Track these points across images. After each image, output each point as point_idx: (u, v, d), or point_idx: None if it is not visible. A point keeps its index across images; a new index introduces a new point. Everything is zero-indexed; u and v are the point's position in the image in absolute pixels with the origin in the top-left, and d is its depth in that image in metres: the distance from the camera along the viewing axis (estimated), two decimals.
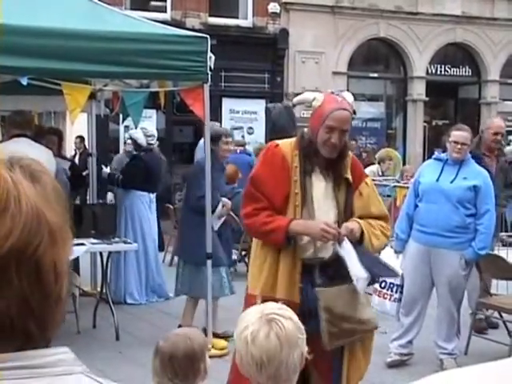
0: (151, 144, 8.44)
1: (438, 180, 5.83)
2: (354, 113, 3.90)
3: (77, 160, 12.71)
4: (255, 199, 3.76)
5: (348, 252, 3.63)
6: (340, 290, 3.69)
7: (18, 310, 0.87)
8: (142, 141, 8.34)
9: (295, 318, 2.29)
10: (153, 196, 8.53)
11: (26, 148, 5.84)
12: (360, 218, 3.79)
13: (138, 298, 8.23)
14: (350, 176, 3.80)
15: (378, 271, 3.74)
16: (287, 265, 3.70)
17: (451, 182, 5.79)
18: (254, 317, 2.24)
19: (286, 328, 2.21)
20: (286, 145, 3.82)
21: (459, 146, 5.80)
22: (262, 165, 3.85)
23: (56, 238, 0.91)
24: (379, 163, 12.83)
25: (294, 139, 3.88)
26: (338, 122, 3.69)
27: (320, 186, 3.76)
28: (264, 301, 3.15)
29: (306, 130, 3.89)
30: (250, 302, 3.60)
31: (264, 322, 2.21)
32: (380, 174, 12.26)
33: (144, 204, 8.35)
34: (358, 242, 3.71)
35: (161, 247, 9.82)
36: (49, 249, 0.90)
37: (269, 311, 2.25)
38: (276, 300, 3.25)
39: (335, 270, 3.73)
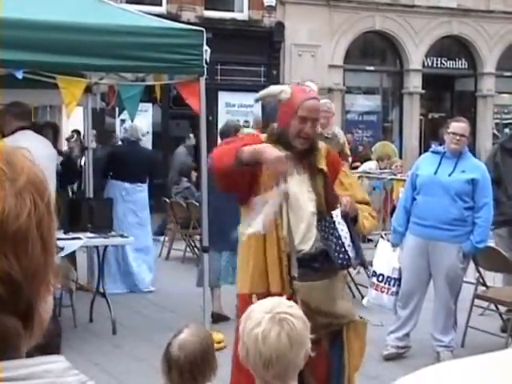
0: (125, 136, 8.86)
1: (436, 173, 5.83)
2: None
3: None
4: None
5: (343, 229, 3.66)
6: (318, 284, 3.69)
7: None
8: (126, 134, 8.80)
9: (304, 316, 2.30)
10: (129, 186, 8.56)
11: (32, 141, 5.86)
12: None
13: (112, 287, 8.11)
14: (324, 167, 3.78)
15: (360, 254, 3.78)
16: (274, 259, 3.68)
17: (449, 175, 5.79)
18: (266, 315, 2.22)
19: (297, 328, 2.22)
20: (263, 137, 3.78)
21: (458, 138, 5.80)
22: (244, 140, 3.77)
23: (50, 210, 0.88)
24: (377, 161, 12.85)
25: (264, 135, 3.83)
26: (311, 112, 3.65)
27: (295, 179, 3.72)
28: (259, 297, 3.15)
29: (274, 124, 3.81)
30: (244, 300, 3.59)
31: (276, 322, 2.21)
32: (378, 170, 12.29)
33: (117, 193, 8.50)
34: (353, 220, 3.73)
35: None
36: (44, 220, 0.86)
37: (280, 310, 2.24)
38: (271, 295, 3.25)
39: (320, 263, 3.73)
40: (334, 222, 3.66)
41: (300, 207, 3.71)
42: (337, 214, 3.66)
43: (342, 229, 3.65)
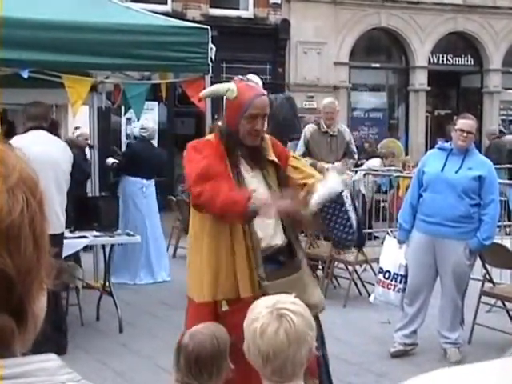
0: (143, 135, 9.08)
1: (442, 170, 5.81)
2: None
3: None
4: (202, 178, 3.50)
5: (350, 210, 3.68)
6: (286, 280, 3.59)
7: None
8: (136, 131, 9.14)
9: (307, 313, 2.27)
10: (147, 182, 8.98)
11: (43, 141, 5.88)
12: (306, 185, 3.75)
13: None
14: (274, 157, 3.76)
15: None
16: (242, 259, 3.55)
17: (456, 171, 5.77)
18: (266, 310, 2.22)
19: (296, 325, 2.20)
20: (213, 139, 3.71)
21: (465, 134, 5.79)
22: (197, 151, 3.68)
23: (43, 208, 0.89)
24: (382, 158, 12.83)
25: (213, 136, 3.74)
26: (260, 109, 3.61)
27: (250, 175, 3.70)
28: (231, 303, 3.15)
29: (220, 124, 3.76)
30: (203, 309, 3.53)
31: (275, 317, 2.19)
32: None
33: (137, 189, 8.91)
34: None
35: None
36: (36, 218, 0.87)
37: (281, 305, 2.22)
38: (241, 300, 3.21)
39: (287, 256, 3.72)
40: (342, 204, 3.63)
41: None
42: (346, 195, 3.66)
43: (350, 209, 3.67)
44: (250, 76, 3.86)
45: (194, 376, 2.66)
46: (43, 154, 5.49)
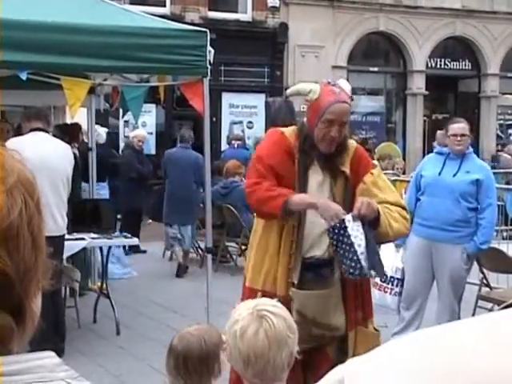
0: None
1: (440, 174, 5.82)
2: (352, 99, 3.76)
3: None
4: (260, 175, 3.65)
5: (357, 236, 3.43)
6: (316, 294, 3.58)
7: None
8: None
9: (288, 316, 2.25)
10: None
11: (43, 142, 5.94)
12: None
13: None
14: (347, 169, 3.65)
15: (374, 263, 3.54)
16: (285, 261, 3.61)
17: (454, 175, 5.78)
18: (246, 311, 2.20)
19: (276, 326, 2.17)
20: (291, 134, 3.72)
21: (459, 138, 5.79)
22: (269, 146, 3.75)
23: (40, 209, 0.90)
24: (378, 160, 12.84)
25: (295, 128, 3.76)
26: (337, 115, 3.55)
27: (317, 180, 3.66)
28: (264, 296, 3.10)
29: (304, 121, 3.75)
30: (249, 295, 3.55)
31: (254, 318, 2.18)
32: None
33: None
34: (374, 225, 3.51)
35: None
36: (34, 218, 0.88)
37: (261, 307, 2.21)
38: (277, 296, 3.21)
39: (329, 270, 3.63)
40: (345, 228, 3.43)
41: (315, 215, 3.58)
42: (349, 219, 3.43)
43: (356, 235, 3.43)
44: (340, 81, 3.80)
45: (184, 377, 2.66)
46: (36, 155, 5.42)
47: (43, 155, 5.74)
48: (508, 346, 0.69)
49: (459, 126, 5.86)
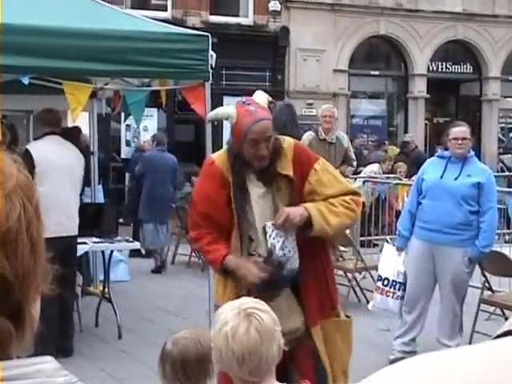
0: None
1: (442, 177, 5.83)
2: (270, 108, 3.76)
3: None
4: (198, 226, 3.78)
5: (279, 240, 3.56)
6: (274, 302, 3.51)
7: None
8: None
9: (270, 310, 2.31)
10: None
11: (58, 146, 6.14)
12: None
13: None
14: (290, 172, 3.64)
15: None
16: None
17: (455, 179, 5.79)
18: (232, 312, 2.24)
19: (265, 322, 2.23)
20: (222, 159, 3.73)
21: (460, 142, 5.80)
22: (201, 186, 3.84)
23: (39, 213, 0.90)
24: (380, 163, 12.84)
25: (224, 151, 3.78)
26: (259, 134, 3.54)
27: (258, 194, 3.67)
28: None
29: (231, 141, 3.76)
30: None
31: (243, 317, 2.22)
32: (380, 173, 12.27)
33: None
34: (308, 227, 3.57)
35: None
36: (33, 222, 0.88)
37: (246, 306, 2.25)
38: None
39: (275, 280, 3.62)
40: (265, 235, 3.58)
41: (260, 221, 3.64)
42: (269, 226, 3.55)
43: (274, 241, 3.54)
44: (255, 95, 3.79)
45: (182, 381, 2.68)
46: (61, 160, 5.95)
47: (63, 158, 6.03)
48: (505, 373, 0.70)
49: (460, 130, 5.87)
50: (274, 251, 3.53)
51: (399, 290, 6.06)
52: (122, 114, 8.26)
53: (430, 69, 18.83)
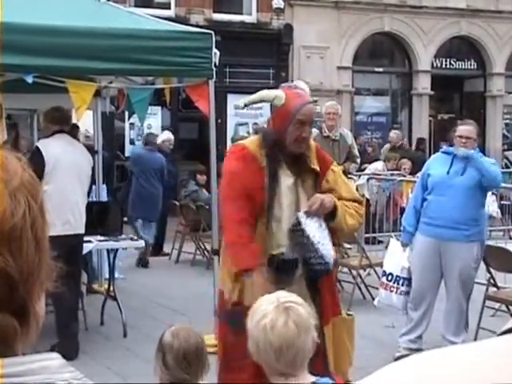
0: None
1: (448, 173, 5.82)
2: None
3: None
4: (237, 194, 3.67)
5: (313, 228, 3.58)
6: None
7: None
8: None
9: (305, 303, 2.38)
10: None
11: (67, 145, 6.18)
12: None
13: None
14: (317, 167, 3.79)
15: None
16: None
17: (462, 174, 5.78)
18: (271, 305, 2.30)
19: (302, 315, 2.29)
20: (254, 145, 3.77)
21: (464, 140, 5.79)
22: (234, 166, 3.77)
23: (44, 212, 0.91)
24: (384, 161, 12.81)
25: (256, 139, 3.84)
26: (308, 116, 3.70)
27: (287, 184, 3.74)
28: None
29: (266, 128, 3.83)
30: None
31: (282, 311, 2.27)
32: (385, 171, 12.25)
33: None
34: (331, 217, 3.67)
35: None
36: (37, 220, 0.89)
37: (284, 299, 2.31)
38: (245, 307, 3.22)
39: (293, 269, 3.69)
40: (299, 225, 3.59)
41: (287, 211, 3.71)
42: (302, 215, 3.61)
43: (311, 230, 3.57)
44: (297, 82, 3.93)
45: (184, 370, 2.73)
46: (71, 159, 6.02)
47: (72, 156, 6.08)
48: (507, 371, 0.70)
49: (465, 129, 5.86)
50: (310, 239, 3.56)
51: (403, 285, 6.05)
52: (126, 113, 8.24)
53: (434, 65, 18.79)
